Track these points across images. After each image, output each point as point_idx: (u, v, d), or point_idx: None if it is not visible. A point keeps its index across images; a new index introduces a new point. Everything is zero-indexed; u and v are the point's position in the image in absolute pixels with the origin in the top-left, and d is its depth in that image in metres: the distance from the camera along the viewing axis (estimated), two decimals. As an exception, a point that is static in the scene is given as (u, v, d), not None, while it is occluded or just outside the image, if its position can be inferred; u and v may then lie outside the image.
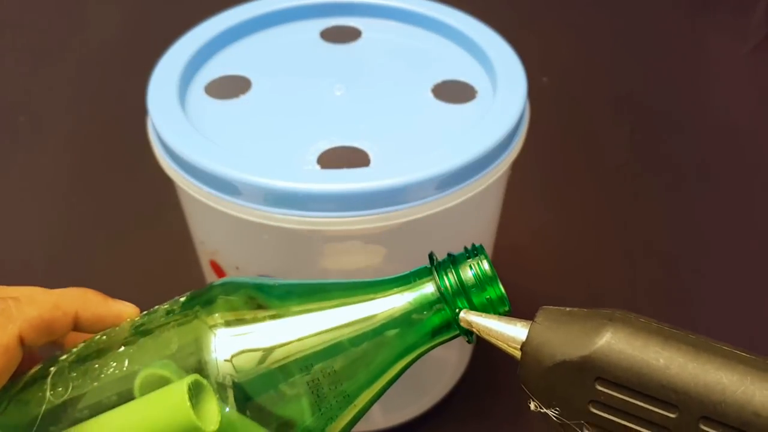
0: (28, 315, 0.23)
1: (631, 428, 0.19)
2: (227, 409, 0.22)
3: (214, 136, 0.36)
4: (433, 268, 0.23)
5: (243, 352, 0.22)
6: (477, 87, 0.40)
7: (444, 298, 0.23)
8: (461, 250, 0.24)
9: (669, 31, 0.89)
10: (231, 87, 0.40)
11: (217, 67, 0.42)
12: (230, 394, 0.22)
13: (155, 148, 0.37)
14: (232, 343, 0.22)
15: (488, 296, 0.23)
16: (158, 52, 0.41)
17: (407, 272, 0.24)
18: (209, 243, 0.40)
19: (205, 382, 0.22)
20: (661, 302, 0.57)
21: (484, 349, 0.21)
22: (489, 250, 0.45)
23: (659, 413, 0.19)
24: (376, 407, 0.48)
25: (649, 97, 0.80)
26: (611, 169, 0.71)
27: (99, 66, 0.83)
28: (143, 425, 0.21)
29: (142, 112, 0.38)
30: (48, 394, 0.23)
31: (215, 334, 0.22)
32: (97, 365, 0.23)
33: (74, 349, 0.24)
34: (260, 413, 0.22)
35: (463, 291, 0.23)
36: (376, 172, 0.33)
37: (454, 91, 0.40)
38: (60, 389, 0.23)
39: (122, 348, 0.23)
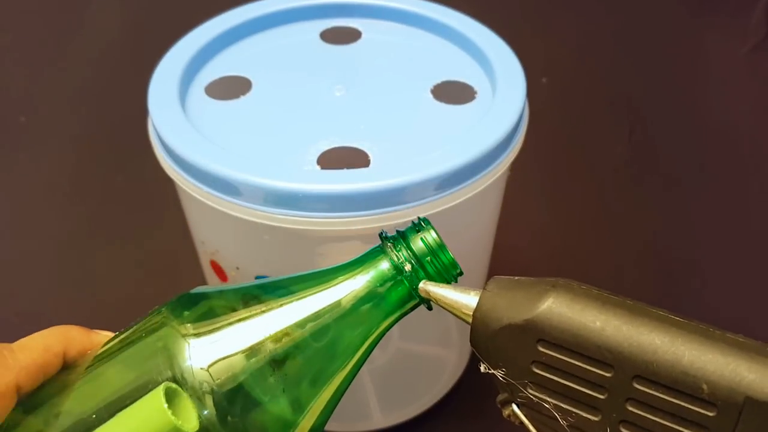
0: (23, 363, 0.23)
1: (570, 387, 0.21)
2: (205, 412, 0.22)
3: (214, 137, 0.36)
4: (386, 246, 0.24)
5: (219, 360, 0.23)
6: (476, 88, 0.40)
7: (400, 271, 0.24)
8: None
9: (668, 31, 0.89)
10: (231, 88, 0.41)
11: (218, 68, 0.42)
12: (209, 399, 0.22)
13: (156, 148, 0.37)
14: (208, 353, 0.23)
15: (440, 262, 0.24)
16: (159, 52, 0.41)
17: (361, 255, 0.25)
18: (209, 243, 0.40)
19: (178, 387, 0.22)
20: (660, 302, 0.57)
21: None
22: (489, 250, 0.45)
23: (596, 372, 0.20)
24: (376, 407, 0.48)
25: (648, 97, 0.80)
26: (610, 170, 0.71)
27: (100, 66, 0.83)
28: None
29: (142, 112, 0.39)
30: None
31: (189, 344, 0.23)
32: (69, 401, 0.23)
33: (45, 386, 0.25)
34: (241, 414, 0.22)
35: (417, 261, 0.24)
36: (376, 172, 0.33)
37: (453, 92, 0.40)
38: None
39: (87, 380, 0.24)
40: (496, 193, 0.41)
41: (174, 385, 0.22)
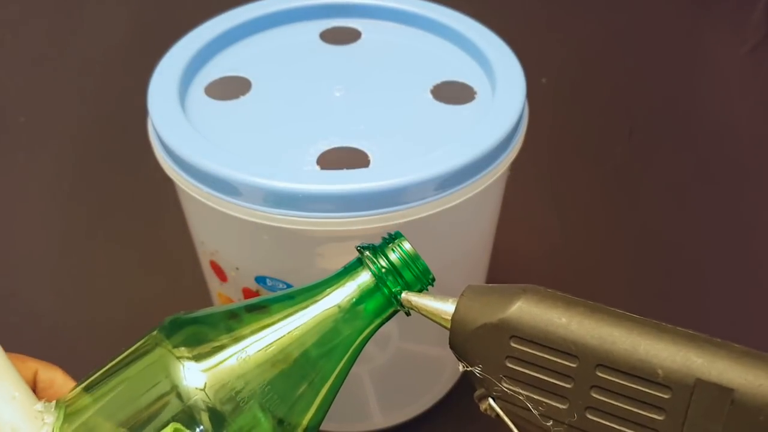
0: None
1: (540, 378, 0.23)
2: (202, 428, 0.23)
3: (214, 137, 0.36)
4: (365, 259, 0.26)
5: (213, 379, 0.24)
6: (476, 88, 0.40)
7: (381, 281, 0.25)
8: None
9: (668, 31, 0.89)
10: (231, 88, 0.41)
11: (218, 68, 0.42)
12: (205, 417, 0.23)
13: (155, 148, 0.37)
14: (202, 373, 0.24)
15: (415, 270, 0.26)
16: (159, 53, 0.41)
17: (340, 269, 0.26)
18: (209, 243, 0.40)
19: (182, 428, 0.23)
20: (661, 302, 0.57)
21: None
22: (489, 250, 0.46)
23: (562, 363, 0.22)
24: (376, 407, 0.48)
25: (648, 97, 0.80)
26: (610, 170, 0.71)
27: (99, 67, 0.83)
28: None
29: (142, 112, 0.39)
30: None
31: (183, 365, 0.24)
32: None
33: None
34: (237, 430, 0.24)
35: (395, 271, 0.25)
36: (376, 172, 0.33)
37: (453, 92, 0.40)
38: None
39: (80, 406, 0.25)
40: (496, 193, 0.41)
41: (180, 426, 0.23)
